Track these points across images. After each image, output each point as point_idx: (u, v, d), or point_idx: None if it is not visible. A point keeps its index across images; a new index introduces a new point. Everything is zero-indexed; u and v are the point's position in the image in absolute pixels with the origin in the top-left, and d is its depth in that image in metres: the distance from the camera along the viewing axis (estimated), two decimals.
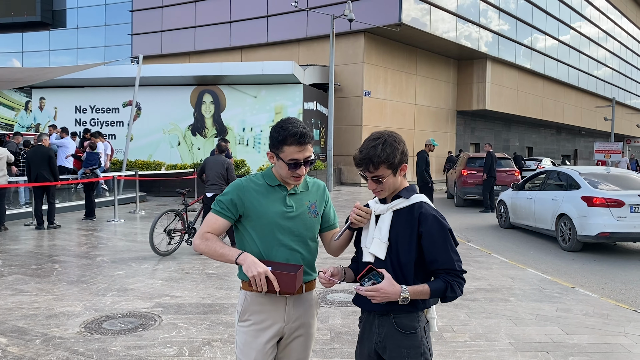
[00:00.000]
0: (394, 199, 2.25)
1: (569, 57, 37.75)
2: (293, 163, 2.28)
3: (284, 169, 2.30)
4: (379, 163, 2.16)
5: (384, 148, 2.16)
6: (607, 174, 9.69)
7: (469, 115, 31.30)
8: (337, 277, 2.27)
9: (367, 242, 2.27)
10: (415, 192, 2.25)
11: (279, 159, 2.32)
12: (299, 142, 2.27)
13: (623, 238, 8.87)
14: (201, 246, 2.31)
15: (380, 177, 2.18)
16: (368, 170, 2.19)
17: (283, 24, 24.87)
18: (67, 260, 7.47)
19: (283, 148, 2.29)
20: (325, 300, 5.62)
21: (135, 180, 13.36)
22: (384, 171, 2.18)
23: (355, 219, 2.27)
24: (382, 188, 2.22)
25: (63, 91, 19.52)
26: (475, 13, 26.74)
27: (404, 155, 2.23)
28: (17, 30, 39.06)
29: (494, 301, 5.74)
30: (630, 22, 50.33)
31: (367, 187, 2.26)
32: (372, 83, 23.54)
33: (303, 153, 2.29)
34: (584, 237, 8.93)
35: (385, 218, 2.23)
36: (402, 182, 2.27)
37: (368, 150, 2.17)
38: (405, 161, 2.24)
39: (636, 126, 50.00)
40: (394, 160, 2.17)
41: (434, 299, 2.22)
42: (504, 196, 12.20)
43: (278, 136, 2.30)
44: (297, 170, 2.30)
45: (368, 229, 2.29)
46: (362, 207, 2.28)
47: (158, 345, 4.29)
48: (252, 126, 18.34)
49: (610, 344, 4.50)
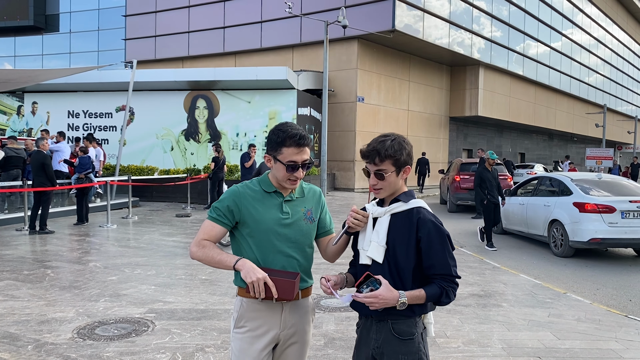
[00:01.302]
0: (392, 202, 2.26)
1: (560, 64, 38.05)
2: (291, 165, 2.28)
3: (282, 171, 2.30)
4: (385, 156, 2.19)
5: (393, 144, 2.20)
6: (598, 180, 9.78)
7: (461, 121, 31.44)
8: (339, 285, 2.28)
9: (365, 244, 2.28)
10: (413, 197, 2.27)
11: (276, 161, 2.32)
12: (298, 144, 2.28)
13: (614, 244, 8.93)
14: (198, 253, 2.30)
15: (384, 172, 2.20)
16: (374, 163, 2.21)
17: (277, 29, 24.93)
18: (59, 265, 7.43)
19: (282, 150, 2.29)
20: (319, 306, 5.62)
21: (128, 185, 13.32)
22: (389, 166, 2.20)
23: (352, 222, 2.27)
24: (382, 185, 2.23)
25: (56, 96, 19.43)
26: (468, 20, 26.92)
27: (409, 157, 2.25)
28: (10, 34, 38.89)
29: (487, 307, 5.77)
30: (621, 30, 50.81)
31: (369, 183, 2.28)
32: (366, 89, 23.62)
33: (301, 155, 2.30)
34: (575, 242, 9.00)
35: (383, 221, 2.23)
36: (402, 186, 2.29)
37: (377, 144, 2.22)
38: (410, 164, 2.26)
39: (627, 132, 50.36)
40: (400, 157, 2.20)
41: (431, 305, 2.24)
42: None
43: (277, 138, 2.31)
44: (295, 173, 2.30)
45: (365, 232, 2.30)
46: (359, 210, 2.28)
47: (151, 351, 4.27)
48: (245, 131, 18.33)
49: (601, 349, 4.53)
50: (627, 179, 10.44)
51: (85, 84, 18.48)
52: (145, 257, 8.01)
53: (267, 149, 2.39)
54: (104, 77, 18.78)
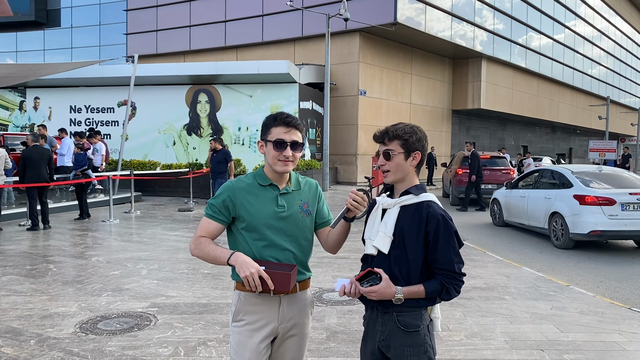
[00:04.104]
0: (402, 194, 2.25)
1: (563, 56, 37.86)
2: (279, 142, 2.28)
3: (271, 151, 2.31)
4: (394, 137, 2.23)
5: (405, 128, 2.24)
6: (599, 173, 9.78)
7: (464, 114, 31.35)
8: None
9: (372, 234, 2.27)
10: (424, 191, 2.25)
11: (267, 143, 2.33)
12: (286, 123, 2.31)
13: (614, 236, 8.96)
14: (195, 251, 2.31)
15: (391, 152, 2.23)
16: (383, 142, 2.26)
17: (278, 23, 24.84)
18: (62, 260, 7.44)
19: (270, 130, 2.33)
20: (321, 299, 5.62)
21: (131, 180, 13.32)
22: (396, 147, 2.23)
23: (351, 204, 2.26)
24: (389, 167, 2.24)
25: (57, 91, 19.42)
26: (470, 12, 26.78)
27: (420, 143, 2.25)
28: (11, 29, 38.87)
29: (490, 300, 5.76)
30: (624, 21, 50.53)
31: (378, 164, 2.30)
32: (368, 82, 23.54)
33: (290, 135, 2.31)
34: (576, 235, 9.01)
35: (392, 212, 2.23)
36: (413, 177, 2.28)
37: (390, 127, 2.27)
38: (420, 150, 2.25)
39: (630, 125, 50.16)
40: (408, 139, 2.22)
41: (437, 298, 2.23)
42: (497, 195, 12.28)
43: (267, 122, 2.37)
44: (284, 152, 2.29)
45: (374, 222, 2.29)
46: (358, 192, 2.27)
47: (153, 345, 4.27)
48: (247, 125, 18.30)
49: (605, 342, 4.52)
50: (628, 171, 10.45)
51: (87, 78, 18.45)
52: (147, 252, 8.02)
53: (260, 136, 2.40)
54: (106, 71, 18.77)
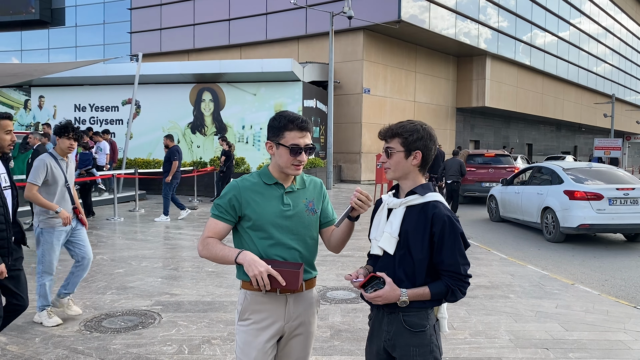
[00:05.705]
0: (408, 194, 2.23)
1: (568, 54, 37.69)
2: (295, 148, 2.26)
3: (285, 155, 2.28)
4: (394, 134, 2.23)
5: (407, 126, 2.23)
6: (589, 169, 10.21)
7: (468, 112, 31.26)
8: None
9: (377, 235, 2.26)
10: (430, 191, 2.22)
11: (279, 146, 2.30)
12: (300, 128, 2.28)
13: (602, 229, 9.31)
14: (203, 252, 2.31)
15: (390, 149, 2.23)
16: (385, 140, 2.27)
17: (282, 21, 24.82)
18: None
19: (284, 134, 2.28)
20: (325, 297, 5.62)
21: (135, 178, 13.36)
22: (397, 145, 2.22)
23: (356, 203, 2.24)
24: (389, 164, 2.24)
25: (62, 89, 19.48)
26: (474, 10, 26.69)
27: (422, 142, 2.21)
28: (16, 28, 38.96)
29: (494, 298, 5.74)
30: (630, 19, 50.23)
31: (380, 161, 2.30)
32: (372, 80, 23.50)
33: (304, 139, 2.29)
34: (566, 228, 9.43)
35: (398, 213, 2.21)
36: (418, 177, 2.26)
37: (394, 124, 2.27)
38: (421, 149, 2.21)
39: (636, 122, 49.91)
40: (408, 137, 2.20)
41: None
42: (494, 191, 12.70)
43: (278, 123, 2.30)
44: (299, 157, 2.28)
45: (380, 221, 2.28)
46: (363, 191, 2.26)
47: (158, 343, 4.28)
48: (251, 124, 18.32)
49: (610, 341, 4.50)
50: (620, 168, 10.87)
51: (91, 77, 18.49)
52: (152, 250, 8.04)
53: (268, 135, 2.37)
54: (110, 70, 18.80)
